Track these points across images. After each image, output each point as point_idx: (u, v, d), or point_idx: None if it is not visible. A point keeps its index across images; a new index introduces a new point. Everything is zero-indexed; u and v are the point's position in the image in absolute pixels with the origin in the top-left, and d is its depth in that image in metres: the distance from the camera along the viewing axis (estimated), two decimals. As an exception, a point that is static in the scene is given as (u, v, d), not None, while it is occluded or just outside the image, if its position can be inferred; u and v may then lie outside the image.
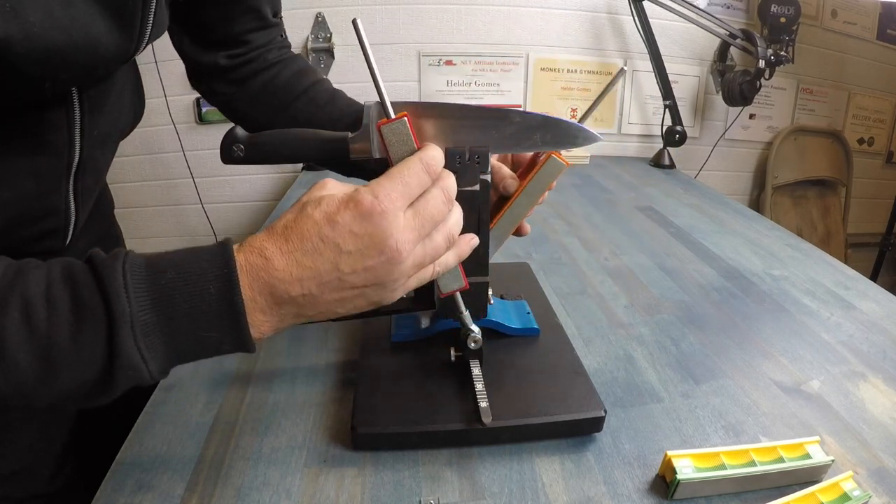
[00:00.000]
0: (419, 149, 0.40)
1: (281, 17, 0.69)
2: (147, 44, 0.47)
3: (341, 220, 0.35)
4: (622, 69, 0.52)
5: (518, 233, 0.57)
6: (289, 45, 0.71)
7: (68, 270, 0.33)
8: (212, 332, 0.34)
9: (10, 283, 0.32)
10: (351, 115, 0.64)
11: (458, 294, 0.49)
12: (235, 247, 0.35)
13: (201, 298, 0.33)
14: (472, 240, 0.43)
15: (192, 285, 0.33)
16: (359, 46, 0.41)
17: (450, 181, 0.40)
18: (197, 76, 0.68)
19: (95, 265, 0.33)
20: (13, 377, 0.31)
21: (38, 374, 0.32)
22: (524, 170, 0.55)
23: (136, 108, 0.61)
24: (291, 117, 0.65)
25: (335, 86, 0.68)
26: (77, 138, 0.47)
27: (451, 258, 0.42)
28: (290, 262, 0.35)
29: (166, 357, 0.34)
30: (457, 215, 0.41)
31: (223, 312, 0.34)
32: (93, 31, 0.40)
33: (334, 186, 0.38)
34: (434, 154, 0.39)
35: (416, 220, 0.37)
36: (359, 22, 0.39)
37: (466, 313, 0.51)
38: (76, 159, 0.48)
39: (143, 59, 0.63)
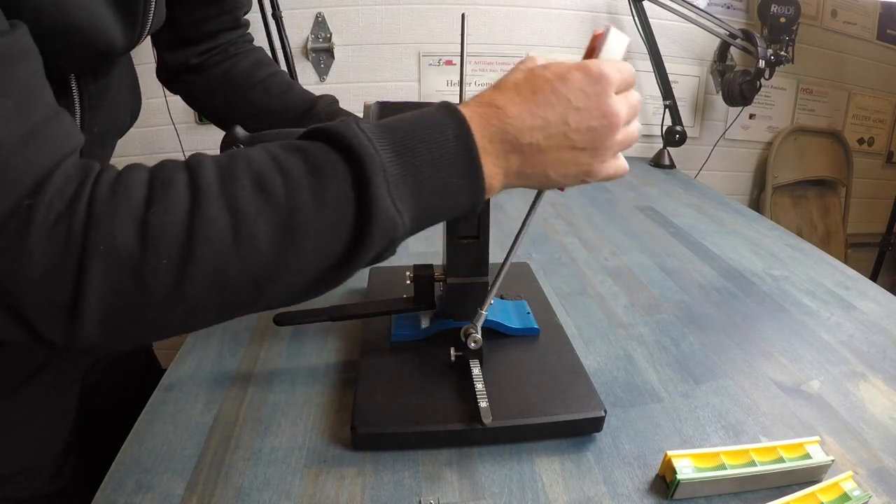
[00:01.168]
0: (602, 44, 0.42)
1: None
2: (147, 34, 0.48)
3: (573, 78, 0.37)
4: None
5: None
6: (251, 39, 0.73)
7: (288, 143, 0.33)
8: (453, 178, 0.35)
9: (227, 160, 0.31)
10: (304, 104, 0.65)
11: (494, 290, 0.49)
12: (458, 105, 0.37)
13: (441, 146, 0.34)
14: None
15: (431, 134, 0.34)
16: (358, 46, 0.42)
17: (634, 80, 0.42)
18: (166, 71, 0.69)
19: (322, 131, 0.33)
20: (249, 253, 0.30)
21: (279, 246, 0.30)
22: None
23: (133, 107, 0.61)
24: (248, 105, 0.67)
25: (336, 86, 0.69)
26: None
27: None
28: (522, 110, 0.36)
29: (414, 212, 0.34)
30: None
31: (463, 156, 0.35)
32: (106, 16, 0.41)
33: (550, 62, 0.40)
34: (633, 70, 0.42)
35: (626, 102, 0.39)
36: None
37: (485, 312, 0.50)
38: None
39: (143, 58, 0.64)
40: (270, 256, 0.30)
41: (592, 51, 0.43)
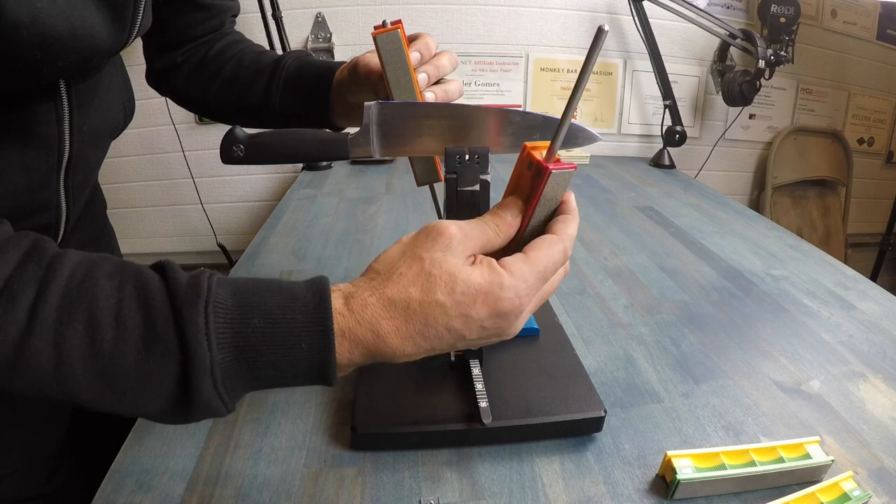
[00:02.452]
0: (537, 197, 0.36)
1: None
2: (136, 37, 0.48)
3: (476, 315, 0.33)
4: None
5: None
6: (232, 30, 0.72)
7: (143, 289, 0.31)
8: (297, 379, 0.33)
9: (77, 289, 0.30)
10: (270, 63, 0.63)
11: None
12: (337, 305, 0.32)
13: (290, 352, 0.31)
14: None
15: (281, 338, 0.31)
16: (358, 46, 0.40)
17: (568, 260, 0.38)
18: (155, 75, 0.68)
19: (174, 295, 0.31)
20: (68, 388, 0.30)
21: (97, 392, 0.30)
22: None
23: (125, 107, 0.61)
24: (223, 81, 0.65)
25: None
26: (67, 134, 0.48)
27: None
28: (406, 343, 0.33)
29: (245, 392, 0.33)
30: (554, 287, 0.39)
31: (312, 367, 0.32)
32: (89, 21, 0.40)
33: (462, 248, 0.34)
34: (573, 233, 0.37)
35: (536, 303, 0.36)
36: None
37: None
38: (66, 155, 0.49)
39: (138, 60, 0.64)
40: (89, 395, 0.30)
41: (527, 185, 0.37)
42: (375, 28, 0.47)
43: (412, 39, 0.53)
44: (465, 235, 0.35)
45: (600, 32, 0.31)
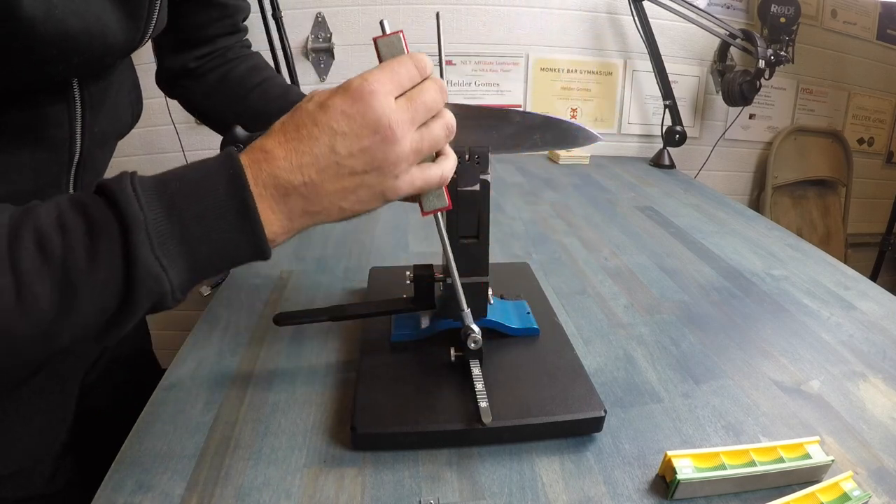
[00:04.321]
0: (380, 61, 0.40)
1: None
2: (150, 37, 0.49)
3: (332, 103, 0.36)
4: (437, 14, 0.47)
5: None
6: (249, 45, 0.73)
7: (77, 198, 0.34)
8: (226, 232, 0.34)
9: (20, 218, 0.32)
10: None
11: (460, 290, 0.49)
12: (239, 153, 0.36)
13: (212, 199, 0.34)
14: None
15: (201, 188, 0.34)
16: (358, 46, 0.42)
17: (441, 82, 0.40)
18: (166, 75, 0.69)
19: (102, 185, 0.34)
20: (34, 313, 0.31)
21: (58, 303, 0.31)
22: None
23: (134, 109, 0.61)
24: (246, 109, 0.66)
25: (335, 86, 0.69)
26: (78, 135, 0.48)
27: (451, 162, 0.42)
28: (288, 150, 0.36)
29: (185, 267, 0.34)
30: (451, 114, 0.41)
31: (235, 209, 0.34)
32: (104, 19, 0.41)
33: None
34: (423, 57, 0.40)
35: (409, 104, 0.38)
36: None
37: (468, 311, 0.51)
38: (77, 156, 0.49)
39: (144, 59, 0.64)
40: (53, 312, 0.31)
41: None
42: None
43: None
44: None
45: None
